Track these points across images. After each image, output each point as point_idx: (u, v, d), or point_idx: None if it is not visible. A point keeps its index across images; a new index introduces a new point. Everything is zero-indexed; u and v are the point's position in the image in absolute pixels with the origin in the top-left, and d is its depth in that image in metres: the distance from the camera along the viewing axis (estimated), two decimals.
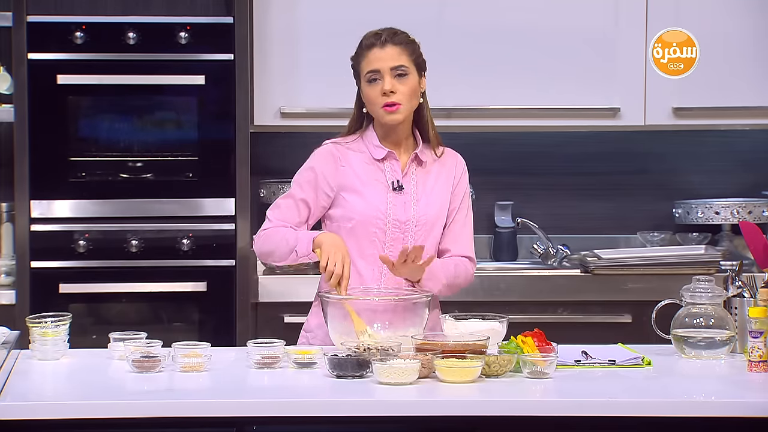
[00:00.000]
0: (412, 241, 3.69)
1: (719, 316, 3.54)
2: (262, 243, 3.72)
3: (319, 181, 3.71)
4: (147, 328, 3.64)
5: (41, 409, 2.99)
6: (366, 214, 3.68)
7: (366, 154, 3.73)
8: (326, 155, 3.73)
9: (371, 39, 3.69)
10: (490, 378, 3.25)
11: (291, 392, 3.17)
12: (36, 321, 3.49)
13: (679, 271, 4.95)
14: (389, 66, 3.65)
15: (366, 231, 3.69)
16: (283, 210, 3.73)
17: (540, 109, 5.21)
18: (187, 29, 4.87)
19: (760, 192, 5.47)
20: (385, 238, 3.70)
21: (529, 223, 5.35)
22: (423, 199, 3.72)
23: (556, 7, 5.21)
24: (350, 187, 3.70)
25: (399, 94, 3.64)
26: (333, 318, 3.51)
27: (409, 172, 3.73)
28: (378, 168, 3.72)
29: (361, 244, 3.69)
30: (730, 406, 3.04)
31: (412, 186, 3.73)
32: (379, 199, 3.69)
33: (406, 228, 3.70)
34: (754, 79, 5.24)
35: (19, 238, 4.84)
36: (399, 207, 3.70)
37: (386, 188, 3.71)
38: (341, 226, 3.71)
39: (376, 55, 3.66)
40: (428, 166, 3.76)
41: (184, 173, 4.91)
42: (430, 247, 3.71)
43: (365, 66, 3.68)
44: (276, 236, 3.69)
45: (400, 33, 3.71)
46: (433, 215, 3.72)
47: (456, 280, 3.72)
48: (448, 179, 3.76)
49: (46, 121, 4.84)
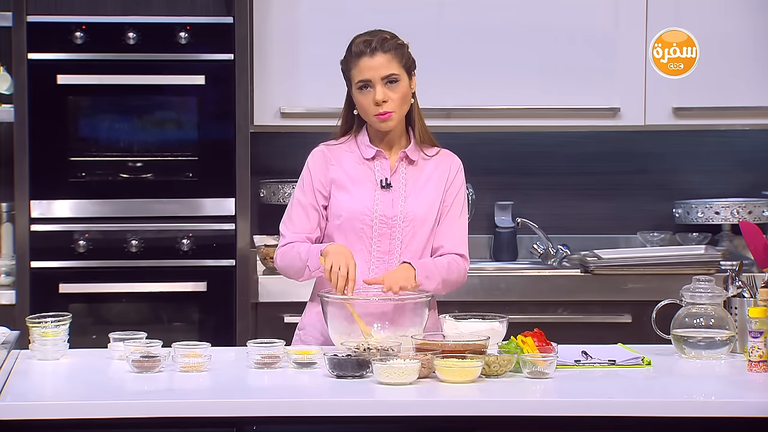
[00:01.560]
0: (399, 236, 3.72)
1: (719, 316, 3.54)
2: (280, 261, 3.76)
3: (314, 182, 3.76)
4: (147, 328, 3.64)
5: (41, 409, 2.99)
6: (353, 210, 3.72)
7: (356, 153, 3.77)
8: (318, 156, 3.79)
9: (360, 47, 3.69)
10: (490, 378, 3.25)
11: (291, 392, 3.17)
12: (36, 321, 3.49)
13: (679, 271, 4.95)
14: (380, 75, 3.67)
15: (353, 227, 3.72)
16: (294, 221, 3.77)
17: (540, 109, 5.21)
18: (187, 29, 4.87)
19: (760, 192, 5.47)
20: (372, 233, 3.72)
21: (529, 223, 5.35)
22: (411, 196, 3.74)
23: (556, 8, 5.21)
24: (340, 184, 3.75)
25: (391, 102, 3.68)
26: (333, 318, 3.52)
27: (398, 170, 3.76)
28: (368, 167, 3.76)
29: (349, 239, 3.72)
30: (730, 406, 3.04)
31: (401, 183, 3.75)
32: (366, 196, 3.73)
33: (393, 224, 3.72)
34: (754, 79, 5.24)
35: (19, 238, 4.84)
36: (386, 204, 3.73)
37: (375, 186, 3.74)
38: (331, 223, 3.76)
39: (366, 64, 3.68)
40: (420, 165, 3.78)
41: (184, 173, 4.91)
42: (419, 244, 3.74)
43: (356, 74, 3.70)
44: (290, 253, 3.72)
45: (389, 38, 3.71)
46: (421, 212, 3.74)
47: (450, 276, 3.72)
48: (441, 178, 3.78)
49: (46, 121, 4.84)
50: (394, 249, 3.72)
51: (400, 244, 3.73)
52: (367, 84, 3.68)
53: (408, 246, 3.73)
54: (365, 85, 3.68)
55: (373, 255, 3.72)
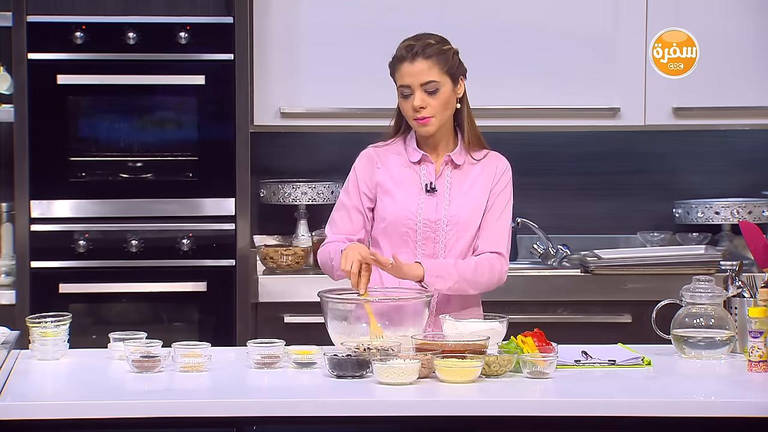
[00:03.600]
0: (443, 240, 3.73)
1: (719, 316, 3.54)
2: (319, 261, 3.82)
3: (360, 185, 3.79)
4: (147, 328, 3.64)
5: (41, 409, 2.99)
6: (397, 215, 3.74)
7: (403, 156, 3.79)
8: (364, 158, 3.82)
9: (402, 51, 3.69)
10: (490, 378, 3.25)
11: (291, 392, 3.17)
12: (36, 321, 3.49)
13: (679, 271, 4.95)
14: (419, 82, 3.67)
15: (398, 231, 3.74)
16: (337, 223, 3.81)
17: (540, 109, 5.21)
18: (187, 29, 4.87)
19: (760, 192, 5.47)
20: (417, 237, 3.74)
21: (529, 223, 5.35)
22: (456, 200, 3.75)
23: (556, 8, 5.20)
24: (385, 188, 3.77)
25: (430, 108, 3.68)
26: (333, 318, 3.52)
27: (443, 174, 3.77)
28: (414, 170, 3.78)
29: (394, 243, 3.75)
30: (730, 406, 3.04)
31: (446, 187, 3.76)
32: (411, 200, 3.74)
33: (437, 228, 3.73)
34: (754, 79, 5.23)
35: (19, 238, 4.84)
36: (431, 208, 3.74)
37: (420, 190, 3.76)
38: (376, 226, 3.79)
39: (406, 69, 3.68)
40: (465, 168, 3.78)
41: (184, 173, 4.91)
42: (463, 247, 3.74)
43: (398, 79, 3.71)
44: (325, 253, 3.77)
45: (433, 44, 3.69)
46: (465, 216, 3.74)
47: (476, 276, 3.69)
48: (487, 181, 3.78)
49: (46, 121, 4.84)
50: (438, 252, 3.73)
51: (444, 248, 3.73)
52: (407, 91, 3.68)
53: (452, 249, 3.73)
54: (406, 92, 3.69)
55: (418, 258, 3.72)
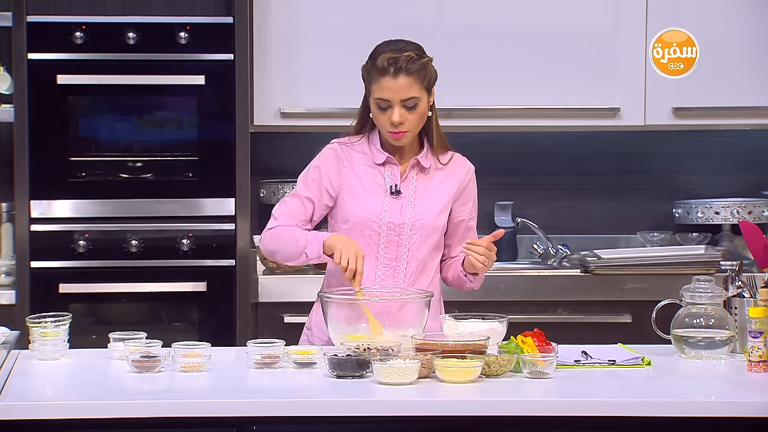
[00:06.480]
0: (407, 244, 3.72)
1: (719, 316, 3.54)
2: (269, 241, 3.74)
3: (323, 180, 3.74)
4: (147, 328, 3.64)
5: (41, 409, 2.99)
6: (361, 217, 3.71)
7: (368, 156, 3.75)
8: (331, 155, 3.76)
9: (384, 64, 3.61)
10: (490, 378, 3.25)
11: (291, 392, 3.17)
12: (36, 321, 3.49)
13: (679, 271, 4.95)
14: (399, 98, 3.62)
15: (361, 233, 3.71)
16: (289, 207, 3.76)
17: (540, 109, 5.21)
18: (187, 29, 4.87)
19: (760, 192, 5.47)
20: (380, 240, 3.72)
21: (529, 223, 5.35)
22: (421, 203, 3.73)
23: (556, 8, 5.20)
24: (350, 188, 3.73)
25: (407, 123, 3.65)
26: (333, 318, 3.52)
27: (408, 177, 3.74)
28: (378, 172, 3.74)
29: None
30: (730, 406, 3.04)
31: (411, 191, 3.74)
32: (375, 202, 3.71)
33: (401, 231, 3.72)
34: (754, 79, 5.23)
35: (19, 238, 4.84)
36: (395, 211, 3.71)
37: (384, 192, 3.73)
38: (339, 227, 3.75)
39: (388, 84, 3.61)
40: (431, 172, 3.76)
41: (184, 173, 4.91)
42: (426, 252, 3.74)
43: (376, 90, 3.64)
44: (283, 235, 3.71)
45: (415, 57, 3.62)
46: (430, 220, 3.73)
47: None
48: (452, 186, 3.77)
49: (46, 121, 4.84)
50: (401, 256, 3.72)
51: (408, 252, 3.72)
52: (385, 105, 3.63)
53: (415, 254, 3.73)
54: (384, 105, 3.64)
55: (380, 261, 3.71)
